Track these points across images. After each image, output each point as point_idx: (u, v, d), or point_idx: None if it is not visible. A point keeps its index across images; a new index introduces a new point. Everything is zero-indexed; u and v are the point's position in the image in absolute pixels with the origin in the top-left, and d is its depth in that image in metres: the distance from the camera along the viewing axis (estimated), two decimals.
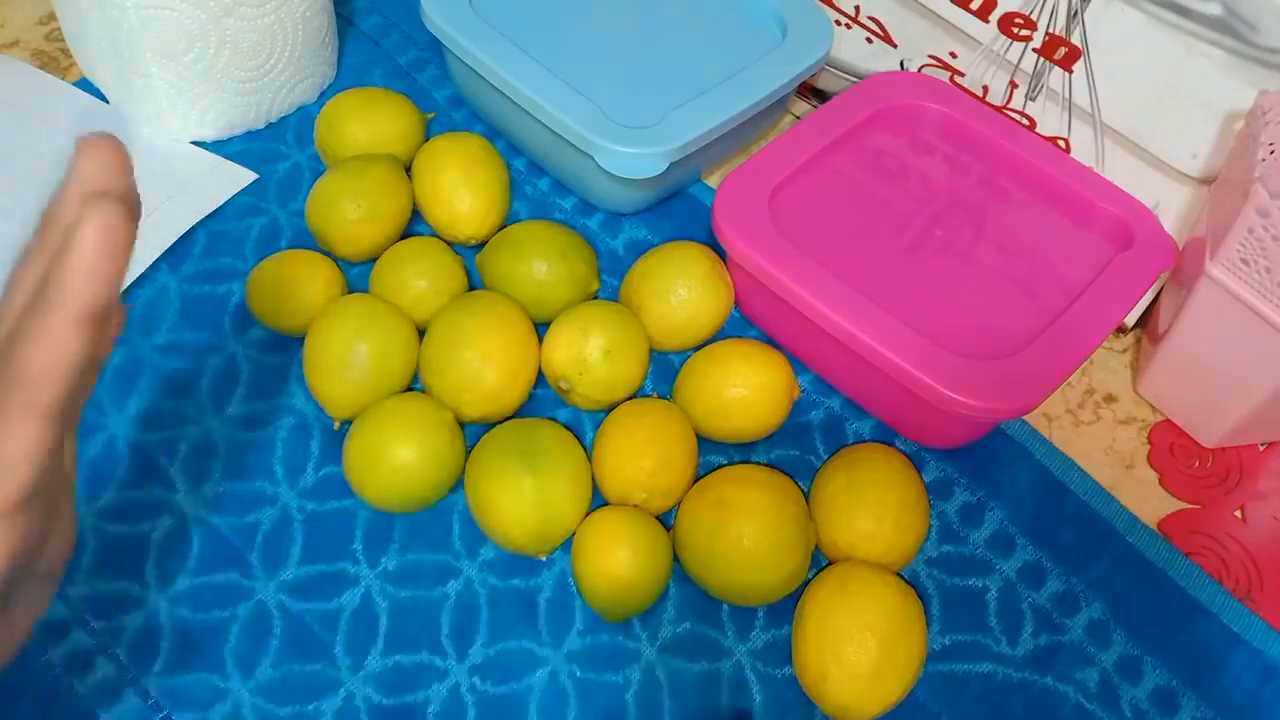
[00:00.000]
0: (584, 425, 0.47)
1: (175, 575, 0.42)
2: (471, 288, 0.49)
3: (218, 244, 0.51)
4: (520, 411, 0.46)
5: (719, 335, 0.49)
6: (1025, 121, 0.52)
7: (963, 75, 0.54)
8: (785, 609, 0.41)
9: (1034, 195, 0.50)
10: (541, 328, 0.47)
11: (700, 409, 0.45)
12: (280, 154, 0.55)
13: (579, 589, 0.41)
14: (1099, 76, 0.48)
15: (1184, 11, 0.44)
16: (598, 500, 0.43)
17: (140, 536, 0.42)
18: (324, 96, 0.58)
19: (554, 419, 0.45)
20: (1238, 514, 0.47)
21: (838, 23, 0.56)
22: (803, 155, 0.49)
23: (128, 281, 0.48)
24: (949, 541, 0.45)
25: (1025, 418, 0.48)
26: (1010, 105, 0.53)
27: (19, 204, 0.51)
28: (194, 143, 0.54)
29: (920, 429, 0.46)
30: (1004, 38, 0.50)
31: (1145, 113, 0.48)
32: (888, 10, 0.54)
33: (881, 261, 0.46)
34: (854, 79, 0.58)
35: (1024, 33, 0.49)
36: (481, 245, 0.50)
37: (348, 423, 0.44)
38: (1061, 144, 0.52)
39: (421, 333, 0.46)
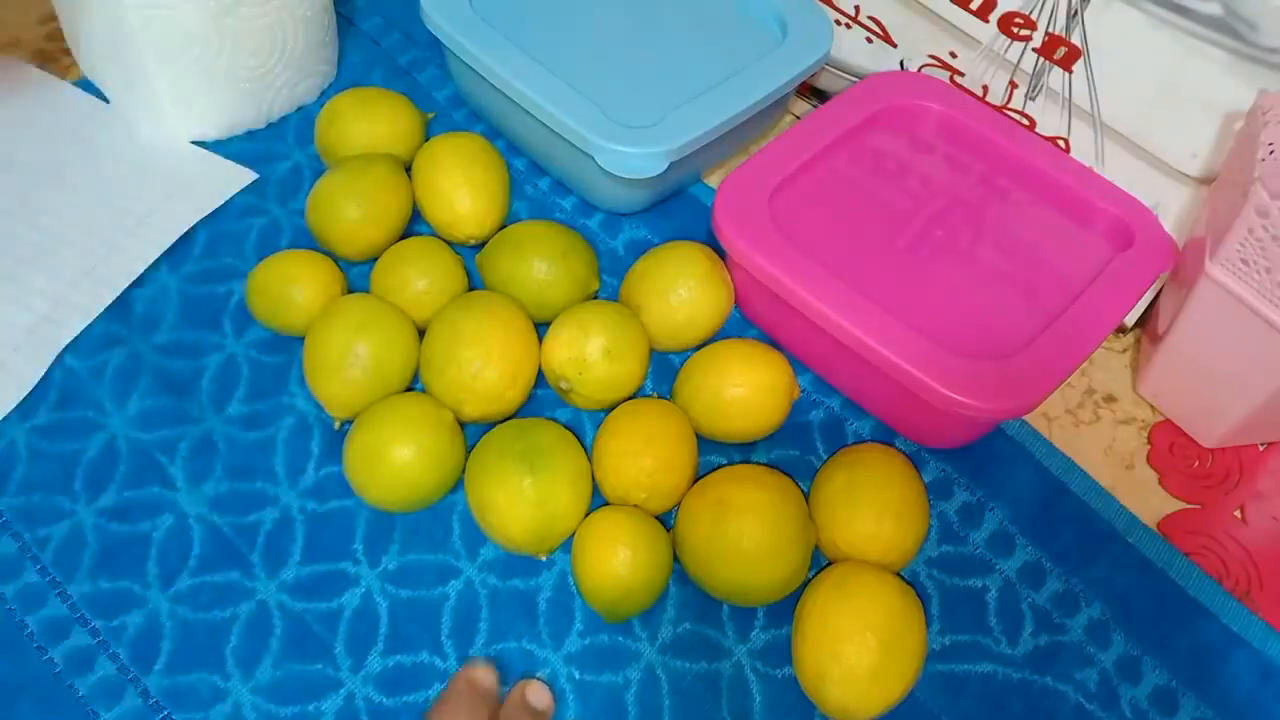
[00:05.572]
0: (584, 425, 0.47)
1: (176, 575, 0.42)
2: (471, 288, 0.49)
3: (218, 244, 0.51)
4: (520, 411, 0.46)
5: (719, 335, 0.49)
6: (1025, 121, 0.52)
7: (963, 75, 0.54)
8: (785, 609, 0.41)
9: (1034, 195, 0.50)
10: (541, 328, 0.47)
11: (700, 409, 0.45)
12: (280, 154, 0.55)
13: (579, 589, 0.41)
14: (1099, 76, 0.48)
15: (1184, 11, 0.44)
16: (598, 500, 0.43)
17: (140, 536, 0.42)
18: (324, 96, 0.58)
19: (554, 419, 0.45)
20: (1237, 514, 0.47)
21: (838, 23, 0.56)
22: (803, 155, 0.49)
23: (127, 282, 0.48)
24: (949, 541, 0.45)
25: (1025, 418, 0.48)
26: (1010, 105, 0.53)
27: (21, 204, 0.51)
28: (194, 143, 0.54)
29: (920, 429, 0.46)
30: (1004, 37, 0.50)
31: (1145, 113, 0.48)
32: (888, 10, 0.54)
33: (881, 262, 0.46)
34: (854, 79, 0.58)
35: (1024, 32, 0.49)
36: (481, 245, 0.50)
37: (348, 423, 0.44)
38: (1061, 144, 0.52)
39: (421, 333, 0.46)
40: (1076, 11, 0.47)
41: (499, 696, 0.39)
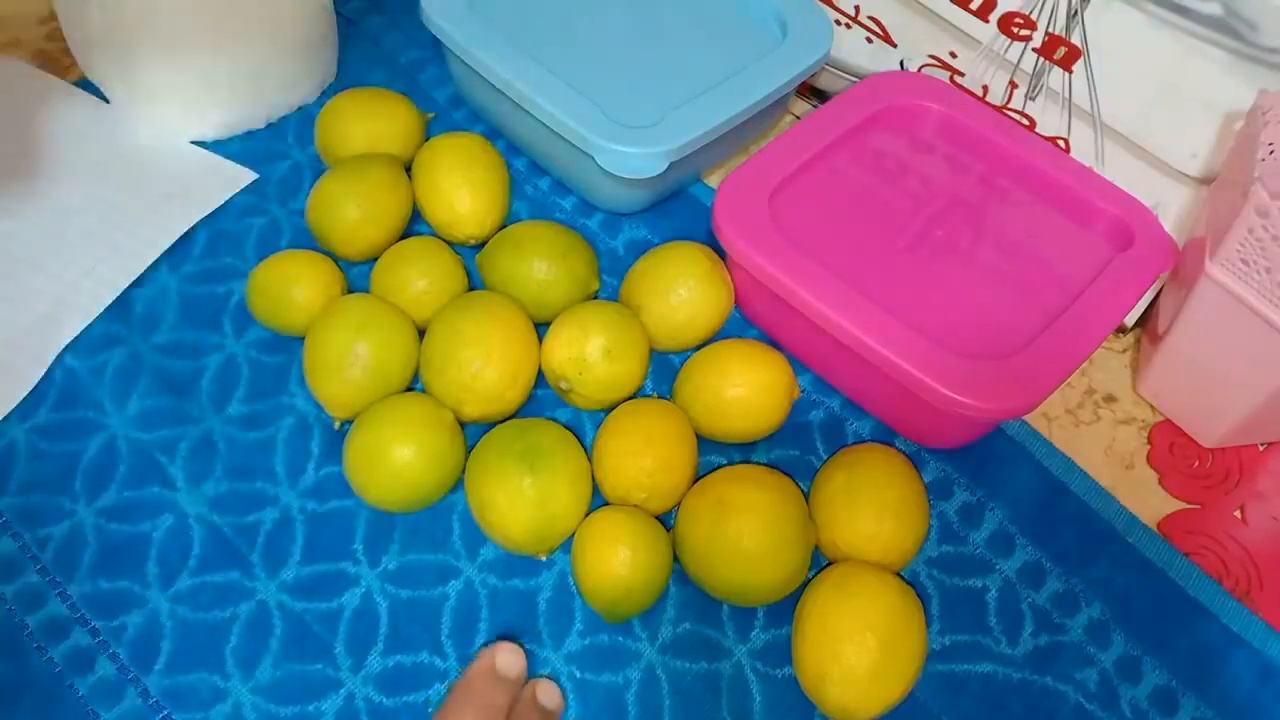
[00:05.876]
0: (584, 425, 0.47)
1: (175, 575, 0.42)
2: (471, 288, 0.49)
3: (218, 244, 0.51)
4: (520, 411, 0.46)
5: (719, 335, 0.49)
6: (1025, 121, 0.52)
7: (963, 75, 0.54)
8: (785, 609, 0.41)
9: (1034, 195, 0.50)
10: (541, 328, 0.47)
11: (700, 409, 0.45)
12: (280, 154, 0.55)
13: (579, 589, 0.41)
14: (1099, 76, 0.48)
15: (1184, 11, 0.44)
16: (598, 500, 0.43)
17: (140, 536, 0.42)
18: (324, 96, 0.58)
19: (554, 419, 0.45)
20: (1237, 514, 0.47)
21: (838, 23, 0.56)
22: (803, 155, 0.49)
23: (127, 282, 0.48)
24: (949, 541, 0.45)
25: (1025, 418, 0.48)
26: (1010, 105, 0.53)
27: (21, 203, 0.51)
28: (194, 143, 0.54)
29: (920, 429, 0.46)
30: (1004, 37, 0.50)
31: (1145, 112, 0.48)
32: (888, 10, 0.54)
33: (882, 261, 0.46)
34: (854, 79, 0.58)
35: (1024, 32, 0.49)
36: (481, 245, 0.50)
37: (348, 423, 0.44)
38: (1061, 144, 0.52)
39: (421, 333, 0.46)
40: (1076, 11, 0.47)
41: (524, 682, 0.39)
